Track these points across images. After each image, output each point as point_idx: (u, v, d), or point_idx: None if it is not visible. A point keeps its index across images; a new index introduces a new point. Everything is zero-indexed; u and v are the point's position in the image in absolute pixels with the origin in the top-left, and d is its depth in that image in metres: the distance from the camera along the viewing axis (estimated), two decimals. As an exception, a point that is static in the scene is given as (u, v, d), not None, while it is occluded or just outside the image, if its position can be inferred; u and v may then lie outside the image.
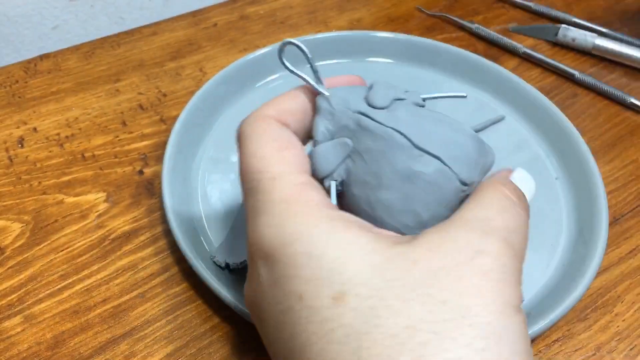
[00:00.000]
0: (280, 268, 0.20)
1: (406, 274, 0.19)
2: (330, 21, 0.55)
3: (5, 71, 0.49)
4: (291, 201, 0.21)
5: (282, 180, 0.22)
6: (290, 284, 0.20)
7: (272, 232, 0.21)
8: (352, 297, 0.18)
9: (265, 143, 0.23)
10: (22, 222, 0.38)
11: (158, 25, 0.54)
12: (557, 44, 0.53)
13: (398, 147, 0.23)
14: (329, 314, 0.18)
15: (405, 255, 0.19)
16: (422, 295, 0.18)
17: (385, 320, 0.18)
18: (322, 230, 0.20)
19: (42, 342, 0.32)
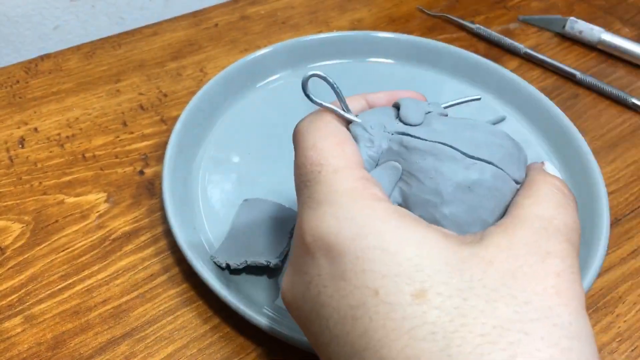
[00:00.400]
0: (348, 261, 0.20)
1: (484, 274, 0.19)
2: (331, 21, 0.55)
3: (6, 71, 0.49)
4: (357, 194, 0.21)
5: (344, 172, 0.22)
6: (362, 279, 0.19)
7: (339, 224, 0.20)
8: (434, 296, 0.18)
9: (324, 137, 0.24)
10: (22, 223, 0.38)
11: (159, 25, 0.54)
12: (564, 36, 0.53)
13: (450, 159, 0.23)
14: (411, 311, 0.18)
15: (480, 255, 0.20)
16: (505, 296, 0.18)
17: (473, 320, 0.18)
18: (394, 226, 0.20)
19: (43, 342, 0.32)
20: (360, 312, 0.19)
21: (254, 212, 0.37)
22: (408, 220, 0.20)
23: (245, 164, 0.41)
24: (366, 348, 0.19)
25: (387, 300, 0.19)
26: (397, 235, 0.20)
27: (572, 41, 0.53)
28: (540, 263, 0.20)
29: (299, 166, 0.24)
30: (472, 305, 0.18)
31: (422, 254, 0.19)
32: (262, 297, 0.34)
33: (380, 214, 0.20)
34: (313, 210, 0.22)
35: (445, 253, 0.20)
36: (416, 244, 0.20)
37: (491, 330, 0.18)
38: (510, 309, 0.18)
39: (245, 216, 0.37)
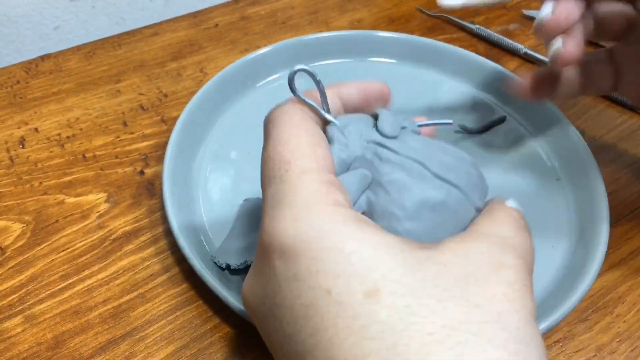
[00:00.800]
0: (303, 262, 0.20)
1: (438, 276, 0.19)
2: (331, 21, 0.55)
3: (7, 72, 0.49)
4: (318, 198, 0.21)
5: (311, 175, 0.22)
6: (315, 279, 0.20)
7: (297, 225, 0.21)
8: (385, 294, 0.19)
9: (298, 134, 0.23)
10: (23, 223, 0.38)
11: (159, 25, 0.54)
12: None
13: (420, 177, 0.24)
14: (362, 309, 0.19)
15: (435, 258, 0.20)
16: (456, 298, 0.19)
17: (422, 319, 0.18)
18: (351, 229, 0.20)
19: (43, 342, 0.32)
20: (312, 311, 0.19)
21: (254, 212, 0.37)
22: (366, 226, 0.21)
23: (245, 163, 0.41)
24: (317, 347, 0.19)
25: (339, 299, 0.19)
26: (354, 237, 0.20)
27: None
28: (493, 272, 0.20)
29: (266, 160, 0.24)
30: (422, 304, 0.18)
31: (377, 254, 0.20)
32: (262, 297, 0.34)
33: (339, 218, 0.21)
34: (273, 211, 0.22)
35: (400, 255, 0.20)
36: (372, 246, 0.20)
37: (440, 330, 0.18)
38: (461, 310, 0.19)
39: (245, 216, 0.37)
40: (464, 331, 0.18)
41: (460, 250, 0.21)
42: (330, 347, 0.19)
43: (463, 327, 0.18)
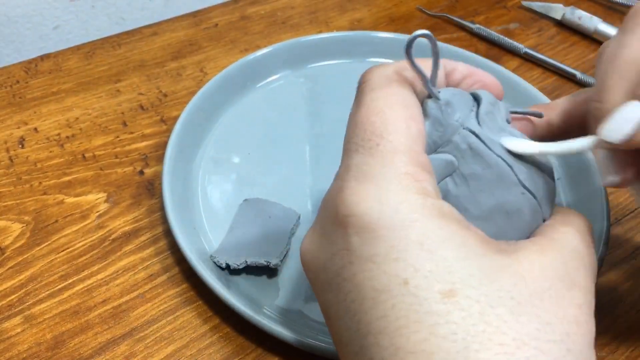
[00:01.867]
0: (383, 247, 0.20)
1: (514, 288, 0.19)
2: (331, 21, 0.55)
3: (6, 71, 0.49)
4: (407, 183, 0.21)
5: (403, 156, 0.21)
6: (393, 267, 0.20)
7: (383, 209, 0.20)
8: (462, 298, 0.19)
9: (395, 105, 0.22)
10: (22, 223, 0.38)
11: (159, 25, 0.54)
12: (563, 25, 0.54)
13: (506, 181, 0.23)
14: (437, 308, 0.19)
15: (513, 268, 0.20)
16: (529, 313, 0.19)
17: (495, 328, 0.18)
18: (436, 225, 0.20)
19: (42, 342, 0.32)
20: (384, 296, 0.19)
21: (254, 212, 0.37)
22: (451, 222, 0.20)
23: (245, 164, 0.41)
24: (382, 332, 0.19)
25: (415, 293, 0.19)
26: (438, 235, 0.20)
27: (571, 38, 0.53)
28: (566, 291, 0.20)
29: (357, 124, 0.22)
30: (497, 314, 0.19)
31: (458, 256, 0.20)
32: (262, 297, 0.34)
33: (426, 212, 0.20)
34: (357, 184, 0.21)
35: (480, 259, 0.20)
36: (454, 247, 0.20)
37: (510, 342, 0.18)
38: (533, 326, 0.19)
39: (245, 216, 0.37)
40: (533, 347, 0.18)
41: (537, 262, 0.21)
42: (397, 336, 0.19)
43: (533, 343, 0.18)
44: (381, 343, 0.19)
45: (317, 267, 0.23)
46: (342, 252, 0.21)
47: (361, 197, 0.21)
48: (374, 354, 0.19)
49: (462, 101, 0.24)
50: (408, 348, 0.18)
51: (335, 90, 0.46)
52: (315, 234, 0.23)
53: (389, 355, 0.19)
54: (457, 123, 0.23)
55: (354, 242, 0.21)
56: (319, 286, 0.23)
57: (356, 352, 0.20)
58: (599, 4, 0.57)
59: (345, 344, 0.21)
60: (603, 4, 0.57)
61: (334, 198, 0.22)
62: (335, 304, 0.21)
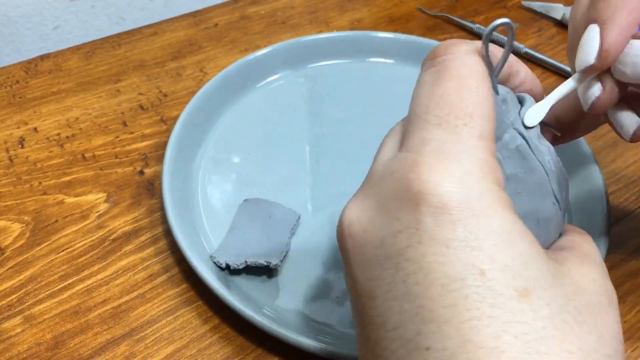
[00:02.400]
0: (460, 232, 0.19)
1: (575, 296, 0.19)
2: (331, 21, 0.55)
3: (6, 71, 0.49)
4: (488, 172, 0.20)
5: (486, 143, 0.21)
6: (469, 255, 0.19)
7: (465, 192, 0.19)
8: (536, 298, 0.18)
9: (485, 88, 0.21)
10: (22, 223, 0.38)
11: (159, 25, 0.54)
12: (563, 24, 0.54)
13: (543, 189, 0.23)
14: (512, 305, 0.18)
15: (570, 277, 0.20)
16: (588, 324, 0.19)
17: (563, 335, 0.18)
18: (512, 220, 0.20)
19: (42, 342, 0.32)
20: (457, 285, 0.19)
21: (254, 212, 0.37)
22: (520, 219, 0.20)
23: (245, 164, 0.41)
24: (449, 321, 0.18)
25: (492, 286, 0.18)
26: (516, 228, 0.19)
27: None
28: (609, 306, 0.21)
29: (443, 97, 0.21)
30: (564, 320, 0.18)
31: (532, 254, 0.19)
32: (262, 297, 0.34)
33: (504, 204, 0.20)
34: (438, 161, 0.20)
35: (548, 263, 0.20)
36: (530, 244, 0.19)
37: (577, 351, 0.18)
38: (593, 338, 0.19)
39: (245, 216, 0.37)
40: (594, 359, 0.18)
41: (585, 275, 0.21)
42: (467, 328, 0.18)
43: (594, 355, 0.18)
44: (446, 333, 0.18)
45: (368, 241, 0.21)
46: (409, 231, 0.20)
47: (442, 176, 0.20)
48: (434, 342, 0.18)
49: (513, 102, 0.24)
50: (477, 342, 0.18)
51: (335, 90, 0.46)
52: (370, 206, 0.21)
53: (453, 347, 0.18)
54: (509, 122, 0.23)
55: (427, 222, 0.19)
56: (364, 261, 0.21)
57: (409, 338, 0.19)
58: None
59: (390, 328, 0.20)
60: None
61: (405, 172, 0.20)
62: (389, 284, 0.20)
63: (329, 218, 0.38)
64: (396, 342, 0.19)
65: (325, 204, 0.39)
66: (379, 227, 0.21)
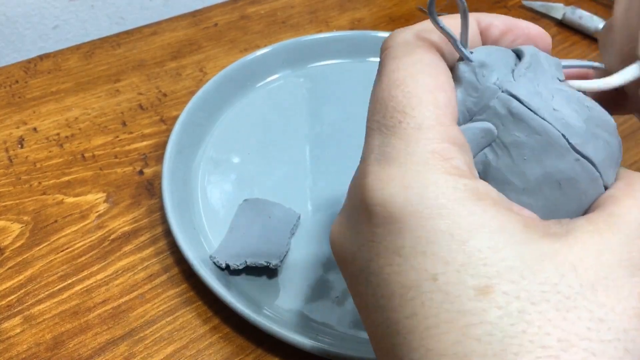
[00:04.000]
0: (409, 239, 0.18)
1: (562, 279, 0.17)
2: (331, 21, 0.55)
3: (5, 71, 0.49)
4: (435, 163, 0.19)
5: (429, 131, 0.19)
6: (421, 261, 0.18)
7: (407, 195, 0.18)
8: (499, 294, 0.17)
9: (419, 73, 0.20)
10: (21, 223, 0.38)
11: (158, 25, 0.53)
12: (564, 24, 0.54)
13: (556, 147, 0.20)
14: (470, 306, 0.17)
15: (562, 255, 0.17)
16: (579, 308, 0.17)
17: (537, 328, 0.16)
18: (468, 211, 0.18)
19: (42, 343, 0.32)
20: (413, 293, 0.18)
21: (254, 212, 0.37)
22: (487, 205, 0.18)
23: (245, 164, 0.41)
24: (412, 332, 0.18)
25: (446, 290, 0.17)
26: (471, 221, 0.18)
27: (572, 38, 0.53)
28: (627, 277, 0.18)
29: (377, 100, 0.20)
30: (539, 311, 0.17)
31: (495, 246, 0.17)
32: (262, 297, 0.34)
33: (457, 195, 0.18)
34: (380, 167, 0.19)
35: (521, 248, 0.17)
36: (490, 234, 0.18)
37: (555, 344, 0.16)
38: (583, 324, 0.16)
39: (245, 216, 0.37)
40: (582, 349, 0.16)
41: (592, 245, 0.18)
42: (428, 337, 0.17)
43: (583, 344, 0.16)
44: (411, 344, 0.18)
45: (346, 257, 0.21)
46: (369, 244, 0.19)
47: (384, 182, 0.19)
48: (403, 354, 0.18)
49: (501, 60, 0.21)
50: (439, 350, 0.17)
51: (335, 90, 0.46)
52: (343, 223, 0.21)
53: (419, 357, 0.17)
54: (495, 86, 0.21)
55: (379, 233, 0.19)
56: (349, 278, 0.21)
57: (387, 350, 0.19)
58: (600, 4, 0.57)
59: (378, 340, 0.19)
60: (604, 4, 0.57)
61: (358, 184, 0.20)
62: (366, 298, 0.20)
63: (329, 218, 0.38)
64: (381, 352, 0.19)
65: (325, 204, 0.39)
66: (349, 243, 0.20)
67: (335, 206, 0.38)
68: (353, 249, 0.20)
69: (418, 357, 0.17)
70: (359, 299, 0.20)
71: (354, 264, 0.20)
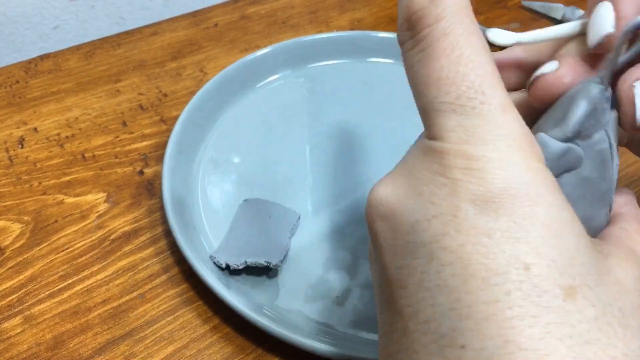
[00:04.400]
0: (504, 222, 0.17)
1: (621, 297, 0.18)
2: (331, 21, 0.55)
3: (6, 71, 0.49)
4: (526, 147, 0.18)
5: (514, 113, 0.19)
6: (513, 248, 0.17)
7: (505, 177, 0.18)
8: (581, 298, 0.17)
9: (481, 52, 0.19)
10: (22, 223, 0.38)
11: (159, 25, 0.54)
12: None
13: (605, 200, 0.22)
14: (557, 305, 0.17)
15: (615, 276, 0.18)
16: (633, 327, 0.18)
17: (607, 339, 0.17)
18: (561, 206, 0.18)
19: (42, 342, 0.32)
20: (499, 279, 0.17)
21: (253, 212, 0.37)
22: (566, 203, 0.18)
23: (245, 164, 0.41)
24: (488, 319, 0.17)
25: (537, 282, 0.17)
26: (563, 218, 0.18)
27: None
28: None
29: (440, 79, 0.19)
30: (608, 322, 0.17)
31: (579, 248, 0.18)
32: (262, 297, 0.34)
33: (549, 186, 0.18)
34: (469, 146, 0.18)
35: (595, 258, 0.18)
36: (577, 235, 0.18)
37: (621, 357, 0.17)
38: (636, 343, 0.17)
39: (245, 216, 0.37)
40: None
41: (628, 272, 0.19)
42: (509, 327, 0.17)
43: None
44: (485, 331, 0.17)
45: (399, 225, 0.19)
46: (445, 217, 0.18)
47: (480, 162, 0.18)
48: (471, 340, 0.17)
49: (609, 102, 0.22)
50: (519, 343, 0.16)
51: (335, 90, 0.46)
52: (405, 185, 0.20)
53: (492, 347, 0.17)
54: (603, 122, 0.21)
55: (466, 209, 0.18)
56: (395, 246, 0.20)
57: (443, 334, 0.18)
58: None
59: (422, 320, 0.18)
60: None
61: (438, 159, 0.19)
62: (421, 274, 0.18)
63: (329, 218, 0.38)
64: (428, 336, 0.18)
65: (325, 204, 0.39)
66: (411, 209, 0.19)
67: (335, 206, 0.38)
68: (418, 217, 0.19)
69: (492, 347, 0.17)
70: (404, 273, 0.19)
71: (415, 234, 0.19)
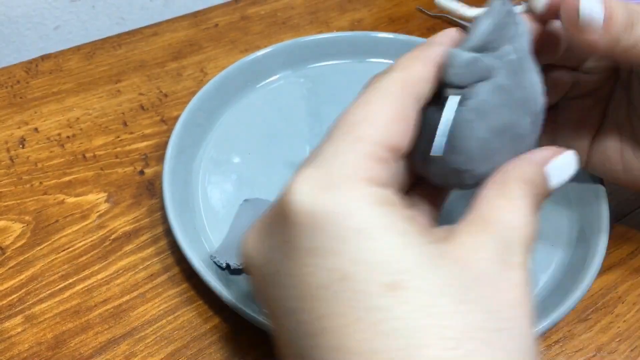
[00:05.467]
0: (321, 239, 0.19)
1: (455, 276, 0.18)
2: (331, 22, 0.55)
3: (7, 71, 0.49)
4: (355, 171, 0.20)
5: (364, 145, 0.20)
6: (332, 261, 0.18)
7: (324, 196, 0.19)
8: (406, 290, 0.18)
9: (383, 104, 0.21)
10: (23, 223, 0.38)
11: (159, 25, 0.54)
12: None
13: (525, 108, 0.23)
14: (379, 303, 0.17)
15: (451, 255, 0.19)
16: (470, 302, 0.18)
17: (438, 321, 0.17)
18: (378, 213, 0.19)
19: (43, 342, 0.32)
20: (323, 293, 0.18)
21: (254, 212, 0.37)
22: (394, 211, 0.19)
23: (245, 164, 0.41)
24: (324, 332, 0.18)
25: (355, 288, 0.18)
26: (380, 223, 0.19)
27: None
28: (501, 273, 0.19)
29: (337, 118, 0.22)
30: (440, 304, 0.18)
31: (401, 245, 0.18)
32: (262, 297, 0.34)
33: (368, 200, 0.19)
34: (303, 169, 0.20)
35: (425, 247, 0.19)
36: (397, 235, 0.19)
37: (454, 335, 0.17)
38: (475, 317, 0.18)
39: (245, 216, 0.37)
40: (478, 340, 0.17)
41: (471, 245, 0.20)
42: (339, 336, 0.18)
43: (477, 334, 0.17)
44: (323, 344, 0.18)
45: (258, 262, 0.21)
46: (284, 246, 0.20)
47: (305, 182, 0.19)
48: (316, 355, 0.18)
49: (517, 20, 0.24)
50: (352, 349, 0.17)
51: (335, 90, 0.46)
52: (259, 229, 0.22)
53: (332, 357, 0.18)
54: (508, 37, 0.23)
55: (294, 234, 0.19)
56: (259, 283, 0.21)
57: (298, 355, 0.19)
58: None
59: (287, 345, 0.20)
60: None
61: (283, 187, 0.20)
62: (277, 301, 0.20)
63: (329, 218, 0.38)
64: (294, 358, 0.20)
65: (325, 203, 0.39)
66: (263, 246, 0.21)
67: (335, 206, 0.38)
68: (266, 252, 0.21)
69: (331, 357, 0.18)
70: (269, 304, 0.21)
71: (267, 266, 0.20)
